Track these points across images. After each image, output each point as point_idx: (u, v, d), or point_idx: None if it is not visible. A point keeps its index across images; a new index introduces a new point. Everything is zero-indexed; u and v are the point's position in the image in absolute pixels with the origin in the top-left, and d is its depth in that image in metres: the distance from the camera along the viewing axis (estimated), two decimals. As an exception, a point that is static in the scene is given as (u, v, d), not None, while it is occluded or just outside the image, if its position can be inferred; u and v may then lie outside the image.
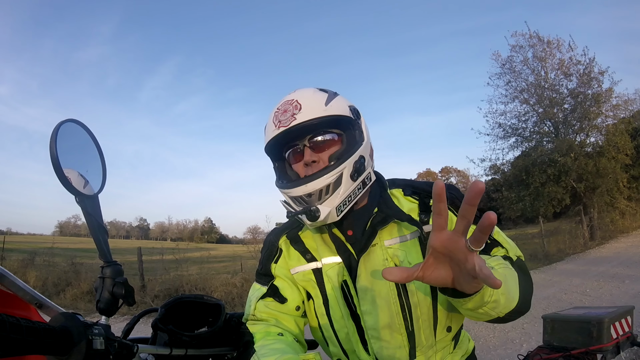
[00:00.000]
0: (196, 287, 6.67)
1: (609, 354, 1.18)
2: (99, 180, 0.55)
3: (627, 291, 5.25)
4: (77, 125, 0.52)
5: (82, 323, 0.44)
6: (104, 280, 0.50)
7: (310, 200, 0.72)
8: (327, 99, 0.77)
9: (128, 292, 0.50)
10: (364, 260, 0.76)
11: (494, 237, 0.79)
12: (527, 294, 0.72)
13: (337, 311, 0.79)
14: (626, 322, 1.23)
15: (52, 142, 0.45)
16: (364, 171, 0.76)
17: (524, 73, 12.97)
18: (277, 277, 0.85)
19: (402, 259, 0.75)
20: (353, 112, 0.80)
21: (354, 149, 0.75)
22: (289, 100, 0.76)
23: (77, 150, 0.50)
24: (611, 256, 8.64)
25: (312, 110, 0.74)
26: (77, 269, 7.91)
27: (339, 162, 0.72)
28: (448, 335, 0.79)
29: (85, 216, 0.52)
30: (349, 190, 0.73)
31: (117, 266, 0.51)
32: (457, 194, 0.80)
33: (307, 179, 0.72)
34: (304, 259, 0.82)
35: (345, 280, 0.78)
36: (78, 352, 0.42)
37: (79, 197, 0.50)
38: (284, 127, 0.73)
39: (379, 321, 0.75)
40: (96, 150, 0.56)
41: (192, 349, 0.66)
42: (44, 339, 0.39)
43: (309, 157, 0.75)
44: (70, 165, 0.47)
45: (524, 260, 0.80)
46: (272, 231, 0.92)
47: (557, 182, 12.29)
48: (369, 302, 0.76)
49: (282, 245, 0.87)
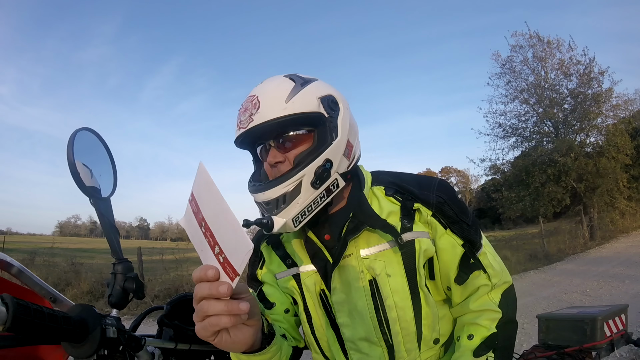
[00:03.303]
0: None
1: (603, 351, 1.20)
2: (111, 184, 0.58)
3: (627, 291, 5.25)
4: (90, 133, 0.56)
5: (97, 313, 0.48)
6: (116, 275, 0.53)
7: (269, 208, 0.67)
8: (289, 94, 0.66)
9: (138, 287, 0.53)
10: (337, 272, 0.71)
11: (479, 258, 0.72)
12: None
13: (317, 320, 0.76)
14: (620, 320, 1.25)
15: (69, 149, 0.49)
16: (328, 178, 0.67)
17: (524, 73, 12.98)
18: (265, 282, 0.81)
19: (378, 271, 0.69)
20: (325, 106, 0.68)
21: (319, 151, 0.66)
22: (251, 97, 0.68)
23: (90, 156, 0.53)
24: (611, 256, 8.63)
25: (270, 109, 0.65)
26: (77, 269, 7.91)
27: (299, 168, 0.65)
28: (435, 347, 0.75)
29: (98, 217, 0.55)
30: (309, 200, 0.66)
31: (127, 263, 0.55)
32: (447, 198, 0.72)
33: (265, 186, 0.66)
34: (284, 265, 0.78)
35: (323, 289, 0.74)
36: (93, 339, 0.45)
37: (93, 199, 0.53)
38: (243, 128, 0.67)
39: (356, 334, 0.72)
40: (108, 156, 0.60)
41: (196, 344, 0.69)
42: (63, 325, 0.43)
43: (273, 159, 0.68)
44: (84, 170, 0.50)
45: (510, 285, 0.74)
46: (255, 235, 0.86)
47: (557, 182, 12.29)
48: (345, 314, 0.72)
49: (263, 250, 0.82)
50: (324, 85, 0.72)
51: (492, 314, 0.71)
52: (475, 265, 0.71)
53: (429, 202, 0.71)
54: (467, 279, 0.71)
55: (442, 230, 0.71)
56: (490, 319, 0.71)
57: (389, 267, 0.70)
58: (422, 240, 0.70)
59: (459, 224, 0.71)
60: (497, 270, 0.73)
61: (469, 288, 0.73)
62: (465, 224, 0.72)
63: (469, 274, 0.71)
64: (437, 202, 0.71)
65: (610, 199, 12.52)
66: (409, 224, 0.70)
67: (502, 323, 0.71)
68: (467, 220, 0.72)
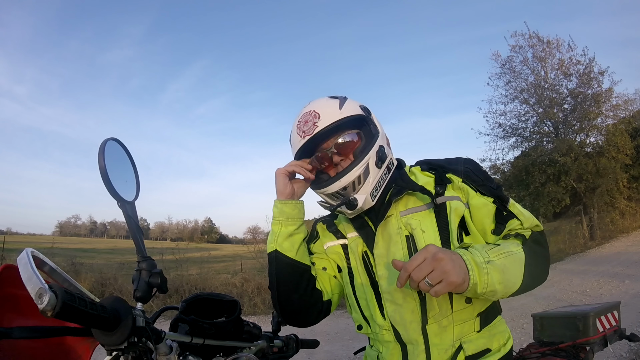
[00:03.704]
0: (196, 287, 6.71)
1: (597, 346, 1.23)
2: (134, 189, 0.64)
3: (627, 291, 5.28)
4: (116, 143, 0.62)
5: (128, 305, 0.53)
6: (141, 272, 0.58)
7: (346, 192, 0.82)
8: (339, 104, 0.86)
9: (162, 282, 0.59)
10: (380, 230, 0.85)
11: (510, 209, 0.82)
12: (538, 272, 0.77)
13: (358, 279, 0.88)
14: (612, 316, 1.29)
15: (100, 157, 0.55)
16: (386, 158, 0.85)
17: (524, 73, 12.97)
18: (315, 253, 0.97)
19: (414, 226, 0.82)
20: (364, 110, 0.88)
21: (373, 141, 0.84)
22: (308, 112, 0.85)
23: (116, 163, 0.59)
24: (611, 256, 8.64)
25: (330, 115, 0.83)
26: (77, 269, 7.94)
27: (362, 155, 0.82)
28: (468, 308, 0.81)
29: (126, 219, 0.61)
30: (378, 177, 0.83)
31: (151, 260, 0.60)
32: (473, 168, 0.86)
33: (339, 176, 0.82)
34: (334, 237, 0.95)
35: (366, 251, 0.87)
36: (125, 326, 0.51)
37: (120, 202, 0.59)
38: (308, 135, 0.83)
39: (392, 285, 0.82)
40: (131, 164, 0.66)
41: (210, 339, 0.73)
42: (101, 313, 0.47)
43: (337, 159, 0.85)
44: (112, 176, 0.55)
45: (541, 229, 0.83)
46: (314, 220, 1.05)
47: (557, 182, 12.30)
48: (384, 267, 0.83)
49: (318, 229, 1.00)
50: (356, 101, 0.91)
51: (524, 231, 0.80)
52: (508, 216, 0.82)
53: (458, 170, 0.86)
54: (503, 229, 0.81)
55: (474, 193, 0.84)
56: (521, 230, 0.80)
57: (423, 224, 0.82)
58: (453, 202, 0.82)
59: (486, 186, 0.84)
60: (527, 217, 0.83)
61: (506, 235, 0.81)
62: (491, 187, 0.84)
63: (504, 224, 0.81)
64: (465, 170, 0.85)
65: (610, 199, 12.53)
66: (442, 190, 0.83)
67: (532, 239, 0.79)
68: (493, 185, 0.85)
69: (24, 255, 0.49)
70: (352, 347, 0.67)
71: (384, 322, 0.84)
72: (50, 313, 0.41)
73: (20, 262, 0.48)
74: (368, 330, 0.89)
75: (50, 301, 0.41)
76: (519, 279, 0.72)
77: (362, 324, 0.90)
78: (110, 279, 6.93)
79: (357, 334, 0.95)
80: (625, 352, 3.15)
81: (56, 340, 0.60)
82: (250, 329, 0.82)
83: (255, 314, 5.62)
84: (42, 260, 0.55)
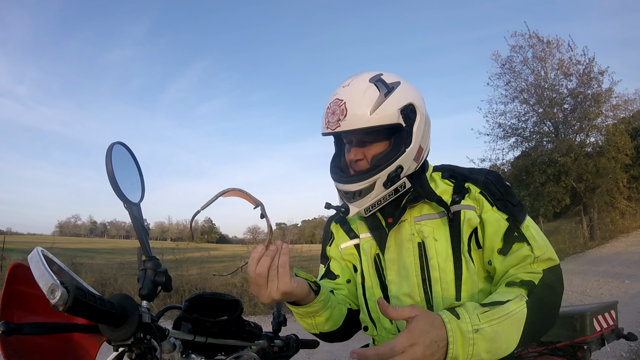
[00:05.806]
0: (196, 287, 6.72)
1: (594, 345, 1.25)
2: (139, 191, 0.66)
3: (627, 291, 5.29)
4: (122, 146, 0.64)
5: (134, 301, 0.54)
6: (146, 271, 0.59)
7: (347, 196, 0.82)
8: (374, 105, 0.75)
9: (167, 280, 0.60)
10: (393, 234, 0.83)
11: (522, 231, 0.75)
12: (542, 324, 0.69)
13: (369, 281, 0.87)
14: (610, 315, 1.30)
15: (107, 160, 0.56)
16: (398, 181, 0.79)
17: (524, 73, 13.01)
18: (331, 258, 0.96)
19: (427, 234, 0.80)
20: (404, 116, 0.78)
21: (394, 157, 0.77)
22: (338, 100, 0.78)
23: (122, 166, 0.60)
24: (611, 256, 8.66)
25: (356, 119, 0.75)
26: (77, 269, 7.92)
27: (375, 171, 0.77)
28: None
29: (132, 219, 0.62)
30: (380, 196, 0.80)
31: (157, 260, 0.61)
32: (494, 180, 0.80)
33: (346, 179, 0.81)
34: (348, 237, 0.93)
35: (378, 254, 0.86)
36: (132, 322, 0.52)
37: (127, 203, 0.60)
38: (330, 130, 0.79)
39: (400, 290, 0.81)
40: (136, 167, 0.68)
41: (212, 337, 0.75)
42: (109, 309, 0.49)
43: (354, 156, 0.81)
44: (119, 179, 0.57)
45: (556, 264, 0.74)
46: (328, 219, 1.03)
47: (557, 182, 12.32)
48: (394, 272, 0.83)
49: (333, 230, 0.98)
50: (405, 93, 0.80)
51: (533, 274, 0.71)
52: (518, 238, 0.75)
53: (478, 180, 0.81)
54: (510, 249, 0.74)
55: (489, 206, 0.78)
56: (530, 273, 0.71)
57: (436, 232, 0.80)
58: (467, 211, 0.78)
59: (503, 202, 0.78)
60: (540, 244, 0.74)
61: (512, 259, 0.74)
62: (510, 203, 0.78)
63: (512, 244, 0.74)
64: (485, 181, 0.80)
65: (610, 199, 12.54)
66: (459, 198, 0.80)
67: (542, 283, 0.70)
68: (513, 201, 0.79)
69: (35, 254, 0.51)
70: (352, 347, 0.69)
71: (391, 326, 0.84)
72: (62, 308, 0.42)
73: (32, 260, 0.49)
74: (374, 332, 0.89)
75: (62, 296, 0.42)
76: (514, 342, 0.63)
77: (368, 325, 0.89)
78: (111, 279, 6.94)
79: (357, 334, 0.95)
80: (625, 352, 3.15)
81: (64, 336, 0.61)
82: (252, 328, 0.83)
83: (256, 314, 5.63)
84: (51, 259, 0.57)
